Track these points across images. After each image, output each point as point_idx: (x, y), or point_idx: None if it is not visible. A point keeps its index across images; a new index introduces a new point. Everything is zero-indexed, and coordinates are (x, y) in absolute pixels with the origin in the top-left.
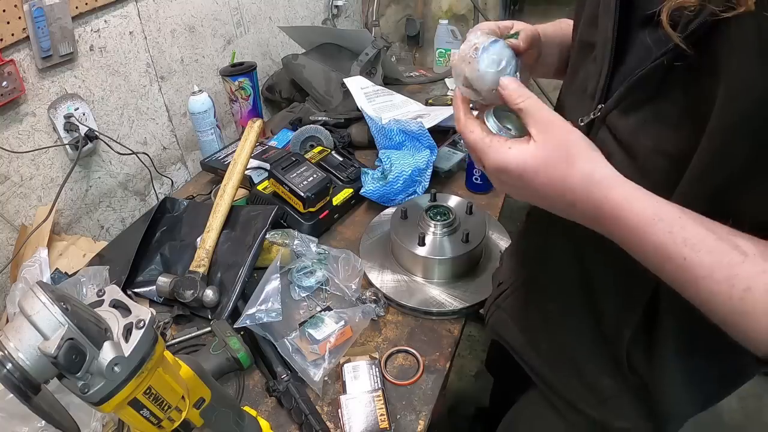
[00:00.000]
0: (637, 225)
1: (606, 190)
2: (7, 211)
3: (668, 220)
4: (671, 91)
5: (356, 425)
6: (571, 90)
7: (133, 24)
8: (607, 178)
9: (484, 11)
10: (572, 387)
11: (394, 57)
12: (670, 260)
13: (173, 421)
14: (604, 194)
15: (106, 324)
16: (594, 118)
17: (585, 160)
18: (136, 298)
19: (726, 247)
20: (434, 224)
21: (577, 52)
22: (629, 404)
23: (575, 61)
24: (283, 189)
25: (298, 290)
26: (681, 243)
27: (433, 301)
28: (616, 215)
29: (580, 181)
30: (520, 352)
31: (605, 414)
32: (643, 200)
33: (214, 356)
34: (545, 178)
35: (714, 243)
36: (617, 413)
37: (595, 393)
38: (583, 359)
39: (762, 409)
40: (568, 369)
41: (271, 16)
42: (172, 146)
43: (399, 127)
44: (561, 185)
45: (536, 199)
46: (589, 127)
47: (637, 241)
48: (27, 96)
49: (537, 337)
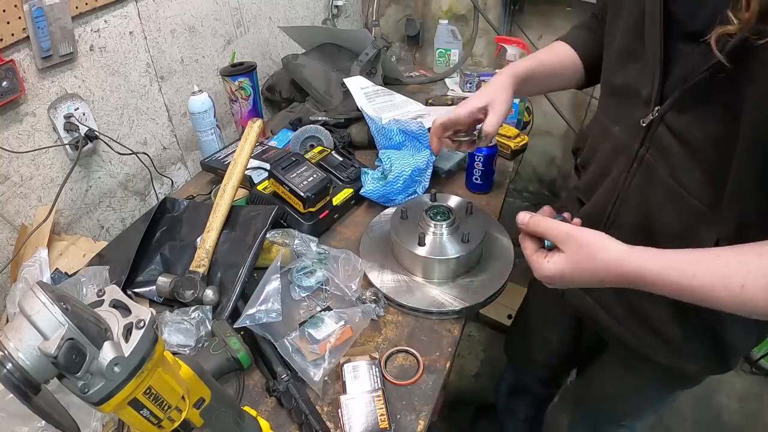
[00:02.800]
0: (654, 281)
1: (623, 267)
2: (7, 211)
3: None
4: (714, 93)
5: (356, 425)
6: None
7: (133, 24)
8: (621, 256)
9: (484, 11)
10: (646, 342)
11: (394, 57)
12: (684, 292)
13: (173, 421)
14: (622, 271)
15: (106, 324)
16: (654, 118)
17: (602, 251)
18: (136, 298)
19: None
20: (434, 224)
21: (617, 59)
22: (698, 348)
23: (613, 71)
24: (283, 189)
25: (298, 290)
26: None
27: (433, 301)
28: (638, 281)
29: (604, 268)
30: (595, 318)
31: (677, 360)
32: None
33: (214, 356)
34: (578, 275)
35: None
36: (687, 358)
37: (667, 343)
38: (654, 314)
39: (762, 410)
40: (641, 326)
41: (271, 16)
42: (172, 146)
43: (399, 127)
44: (592, 276)
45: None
46: (648, 126)
47: (658, 289)
48: (27, 96)
49: (609, 301)
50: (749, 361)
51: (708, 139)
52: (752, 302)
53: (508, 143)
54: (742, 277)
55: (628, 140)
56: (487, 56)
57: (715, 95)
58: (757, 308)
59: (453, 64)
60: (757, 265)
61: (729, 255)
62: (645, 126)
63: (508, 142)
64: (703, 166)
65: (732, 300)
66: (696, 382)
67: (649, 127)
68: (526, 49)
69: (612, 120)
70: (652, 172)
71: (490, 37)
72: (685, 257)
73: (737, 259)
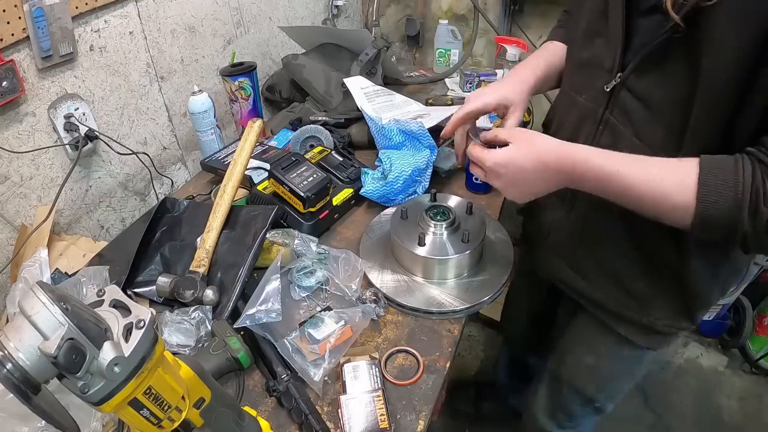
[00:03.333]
0: (584, 167)
1: (559, 151)
2: (7, 211)
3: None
4: (672, 55)
5: (356, 425)
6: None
7: (133, 24)
8: (556, 142)
9: (484, 11)
10: (618, 299)
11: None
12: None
13: (173, 421)
14: (557, 155)
15: (106, 324)
16: (616, 83)
17: (540, 137)
18: (136, 298)
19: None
20: (434, 224)
21: (583, 37)
22: (666, 301)
23: (580, 47)
24: (283, 189)
25: (298, 290)
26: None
27: (433, 301)
28: (571, 167)
29: (545, 151)
30: (570, 285)
31: (647, 315)
32: (581, 148)
33: (214, 356)
34: (524, 160)
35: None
36: (657, 312)
37: (637, 298)
38: (624, 272)
39: (762, 410)
40: (613, 284)
41: (271, 16)
42: (172, 146)
43: (399, 127)
44: (535, 160)
45: (524, 183)
46: (612, 90)
47: (587, 175)
48: (27, 96)
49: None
50: (749, 361)
51: (668, 99)
52: (669, 198)
53: None
54: (661, 172)
55: (594, 106)
56: (487, 56)
57: (673, 56)
58: (673, 206)
59: (453, 64)
60: (678, 165)
61: (654, 159)
62: (609, 91)
63: None
64: (665, 123)
65: (651, 192)
66: (666, 342)
67: (612, 92)
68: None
69: (577, 90)
70: (617, 132)
71: (490, 37)
72: (614, 154)
73: (663, 161)
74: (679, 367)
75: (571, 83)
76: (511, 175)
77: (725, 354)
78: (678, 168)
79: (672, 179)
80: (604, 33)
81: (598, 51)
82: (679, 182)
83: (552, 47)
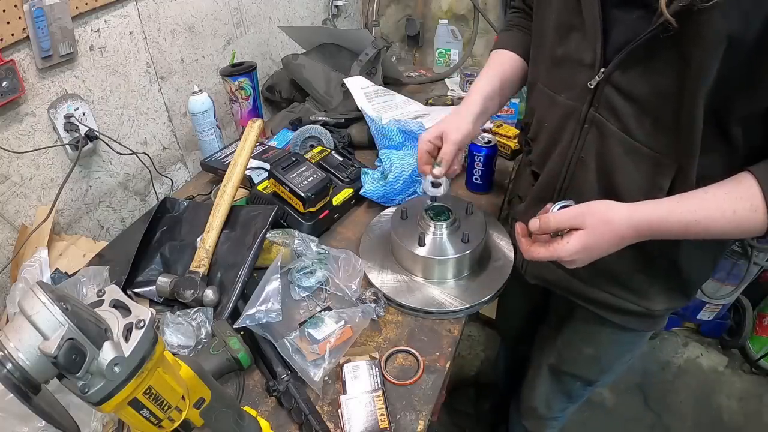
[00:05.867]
0: (661, 225)
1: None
2: (7, 211)
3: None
4: (658, 52)
5: (356, 425)
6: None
7: (133, 24)
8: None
9: (484, 11)
10: (616, 294)
11: (394, 57)
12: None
13: (173, 421)
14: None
15: (106, 324)
16: (600, 80)
17: (611, 211)
18: (136, 298)
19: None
20: (434, 224)
21: (555, 33)
22: (662, 289)
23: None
24: (283, 189)
25: (298, 290)
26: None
27: (433, 301)
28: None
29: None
30: (564, 286)
31: (646, 304)
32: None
33: (214, 356)
34: (601, 240)
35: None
36: (654, 299)
37: (635, 291)
38: (619, 270)
39: (762, 410)
40: (609, 282)
41: (271, 16)
42: (172, 146)
43: (399, 127)
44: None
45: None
46: (595, 87)
47: (666, 231)
48: (27, 96)
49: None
50: (749, 361)
51: (654, 93)
52: (745, 223)
53: (508, 143)
54: (731, 204)
55: (576, 104)
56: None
57: (659, 53)
58: (749, 227)
59: (453, 64)
60: (739, 191)
61: (713, 189)
62: (592, 88)
63: (508, 142)
64: (652, 116)
65: (729, 224)
66: (663, 319)
67: (596, 89)
68: None
69: (556, 90)
70: (603, 128)
71: (490, 37)
72: (680, 199)
73: (722, 191)
74: (679, 367)
75: (548, 81)
76: (588, 256)
77: (725, 354)
78: (742, 194)
79: (743, 207)
80: (579, 27)
81: (574, 46)
82: (750, 208)
83: (501, 57)
